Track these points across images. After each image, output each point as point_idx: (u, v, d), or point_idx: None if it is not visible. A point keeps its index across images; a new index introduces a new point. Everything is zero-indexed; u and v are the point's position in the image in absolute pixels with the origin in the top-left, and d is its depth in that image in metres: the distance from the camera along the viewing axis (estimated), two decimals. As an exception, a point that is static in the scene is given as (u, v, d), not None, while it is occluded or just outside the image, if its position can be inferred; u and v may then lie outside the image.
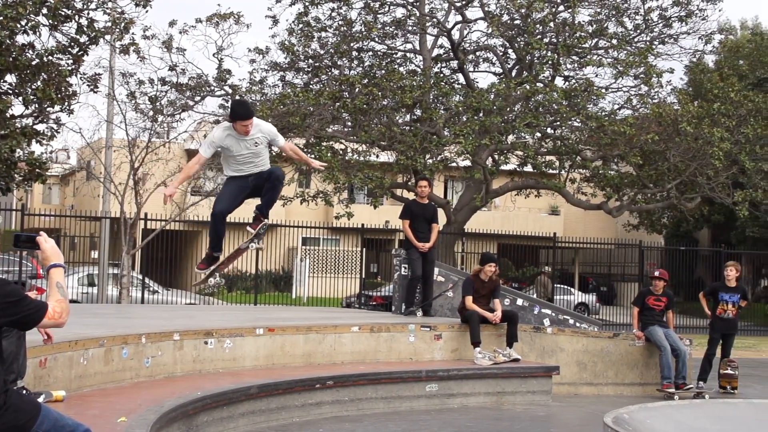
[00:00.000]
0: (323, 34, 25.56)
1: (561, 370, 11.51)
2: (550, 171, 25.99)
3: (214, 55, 23.82)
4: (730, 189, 25.53)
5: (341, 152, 24.35)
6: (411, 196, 22.84)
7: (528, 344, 11.80)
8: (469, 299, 11.55)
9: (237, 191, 8.28)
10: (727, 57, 40.79)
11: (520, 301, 13.64)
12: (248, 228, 8.64)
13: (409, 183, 24.32)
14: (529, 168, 25.55)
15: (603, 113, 24.90)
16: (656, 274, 12.88)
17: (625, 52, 25.21)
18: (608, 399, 11.37)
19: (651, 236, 38.57)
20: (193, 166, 8.37)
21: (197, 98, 24.28)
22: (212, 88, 24.34)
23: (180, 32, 23.07)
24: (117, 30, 18.62)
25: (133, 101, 22.72)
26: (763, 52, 38.63)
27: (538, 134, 25.37)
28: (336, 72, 25.25)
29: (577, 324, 13.92)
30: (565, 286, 36.29)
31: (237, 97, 23.69)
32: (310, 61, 25.58)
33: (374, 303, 26.51)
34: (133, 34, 20.42)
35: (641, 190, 25.76)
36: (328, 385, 9.45)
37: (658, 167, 24.93)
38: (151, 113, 22.67)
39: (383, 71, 24.82)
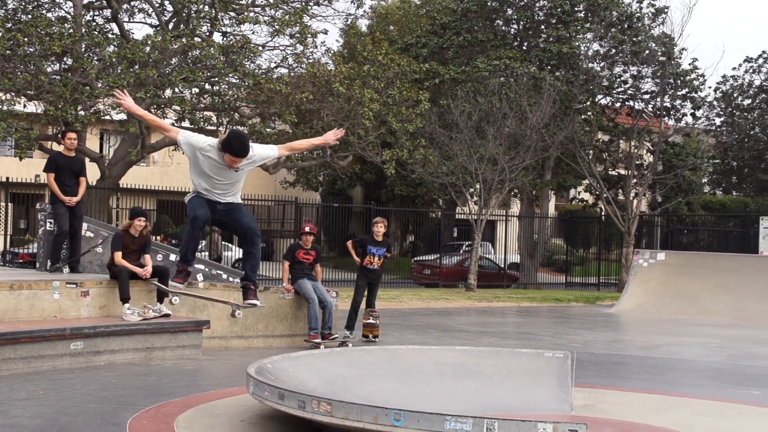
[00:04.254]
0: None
1: (212, 324, 11.58)
2: (209, 127, 25.86)
3: None
4: (379, 148, 26.85)
5: (-18, 101, 22.68)
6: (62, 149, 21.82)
7: (180, 299, 11.71)
8: (118, 254, 11.28)
9: (208, 206, 7.59)
10: (378, 22, 42.83)
11: (173, 257, 13.51)
12: (248, 302, 7.97)
13: (59, 135, 23.18)
14: (186, 123, 25.26)
15: (260, 71, 25.13)
16: (306, 229, 13.24)
17: (281, 11, 25.58)
18: (258, 351, 11.59)
19: (307, 193, 39.79)
20: (164, 129, 7.95)
21: None
22: None
23: None
24: None
25: None
26: (411, 19, 40.96)
27: (196, 89, 25.14)
28: (-25, 14, 23.39)
29: (230, 279, 14.06)
30: (226, 243, 36.52)
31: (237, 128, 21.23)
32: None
33: (21, 261, 25.20)
34: None
35: (297, 148, 26.32)
36: (-40, 347, 8.85)
37: (313, 126, 25.62)
38: None
39: (29, 16, 23.32)
